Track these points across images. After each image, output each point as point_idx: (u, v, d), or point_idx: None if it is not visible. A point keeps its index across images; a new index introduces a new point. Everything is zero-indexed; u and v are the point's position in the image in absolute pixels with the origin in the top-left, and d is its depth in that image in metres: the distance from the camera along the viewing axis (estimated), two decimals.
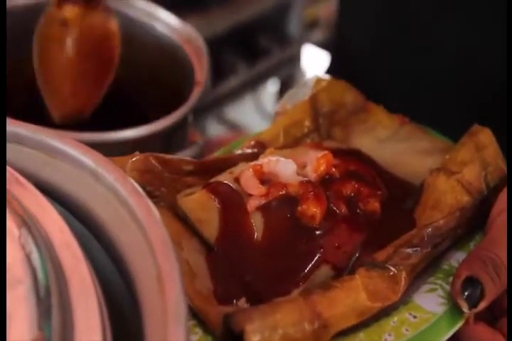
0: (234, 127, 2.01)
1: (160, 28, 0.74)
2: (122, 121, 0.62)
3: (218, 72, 1.77)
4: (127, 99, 0.77)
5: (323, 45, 1.88)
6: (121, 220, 0.32)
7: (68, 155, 0.33)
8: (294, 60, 2.01)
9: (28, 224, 0.29)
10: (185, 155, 0.64)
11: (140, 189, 0.32)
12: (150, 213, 0.31)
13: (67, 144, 0.33)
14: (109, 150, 0.39)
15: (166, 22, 0.74)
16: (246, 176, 0.47)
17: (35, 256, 0.27)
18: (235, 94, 1.91)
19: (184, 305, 0.27)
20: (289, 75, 2.06)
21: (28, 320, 0.25)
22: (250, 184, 0.47)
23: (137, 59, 0.75)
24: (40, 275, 0.27)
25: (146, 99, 0.77)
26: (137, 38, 0.75)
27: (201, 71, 0.68)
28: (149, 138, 0.62)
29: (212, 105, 1.81)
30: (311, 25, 1.96)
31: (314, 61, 2.04)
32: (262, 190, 0.47)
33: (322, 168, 0.48)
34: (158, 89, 0.76)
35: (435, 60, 0.65)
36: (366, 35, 0.71)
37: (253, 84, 1.97)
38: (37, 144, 0.34)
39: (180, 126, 0.65)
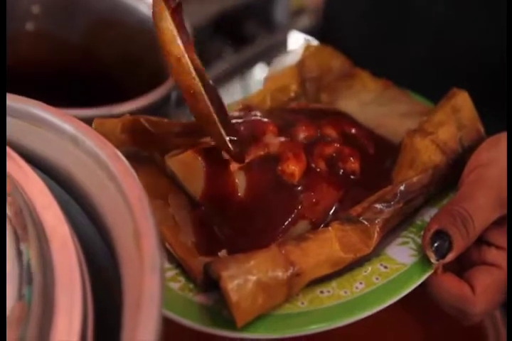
0: None
1: (143, 9, 0.75)
2: (106, 102, 0.62)
3: (205, 58, 1.77)
4: (112, 80, 0.77)
5: (309, 31, 1.89)
6: (100, 182, 0.32)
7: (49, 123, 0.34)
8: (281, 46, 2.02)
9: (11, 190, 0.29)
10: None
11: (118, 152, 0.33)
12: (128, 173, 0.31)
13: (47, 112, 0.34)
14: None
15: (149, 3, 0.75)
16: None
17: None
18: (222, 80, 1.91)
19: (159, 257, 0.28)
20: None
21: (10, 288, 0.26)
22: None
23: (121, 40, 0.76)
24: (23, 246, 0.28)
25: (130, 80, 0.77)
26: (121, 20, 0.75)
27: None
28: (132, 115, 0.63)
29: None
30: (298, 12, 1.97)
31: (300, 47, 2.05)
32: None
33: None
34: (142, 70, 0.76)
35: (418, 31, 0.66)
36: (351, 15, 0.73)
37: (240, 70, 1.97)
38: (18, 113, 0.35)
39: (163, 104, 0.66)
